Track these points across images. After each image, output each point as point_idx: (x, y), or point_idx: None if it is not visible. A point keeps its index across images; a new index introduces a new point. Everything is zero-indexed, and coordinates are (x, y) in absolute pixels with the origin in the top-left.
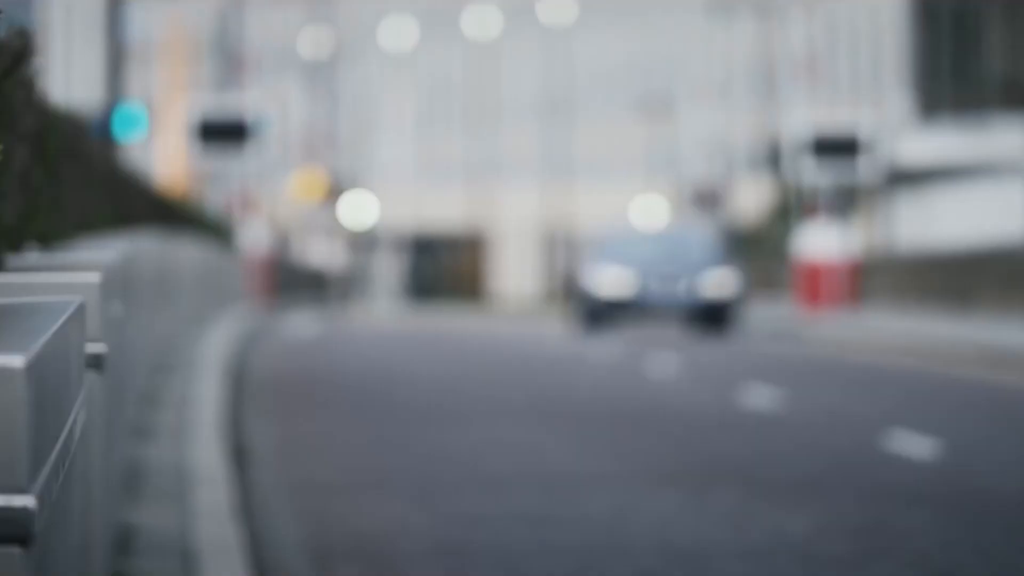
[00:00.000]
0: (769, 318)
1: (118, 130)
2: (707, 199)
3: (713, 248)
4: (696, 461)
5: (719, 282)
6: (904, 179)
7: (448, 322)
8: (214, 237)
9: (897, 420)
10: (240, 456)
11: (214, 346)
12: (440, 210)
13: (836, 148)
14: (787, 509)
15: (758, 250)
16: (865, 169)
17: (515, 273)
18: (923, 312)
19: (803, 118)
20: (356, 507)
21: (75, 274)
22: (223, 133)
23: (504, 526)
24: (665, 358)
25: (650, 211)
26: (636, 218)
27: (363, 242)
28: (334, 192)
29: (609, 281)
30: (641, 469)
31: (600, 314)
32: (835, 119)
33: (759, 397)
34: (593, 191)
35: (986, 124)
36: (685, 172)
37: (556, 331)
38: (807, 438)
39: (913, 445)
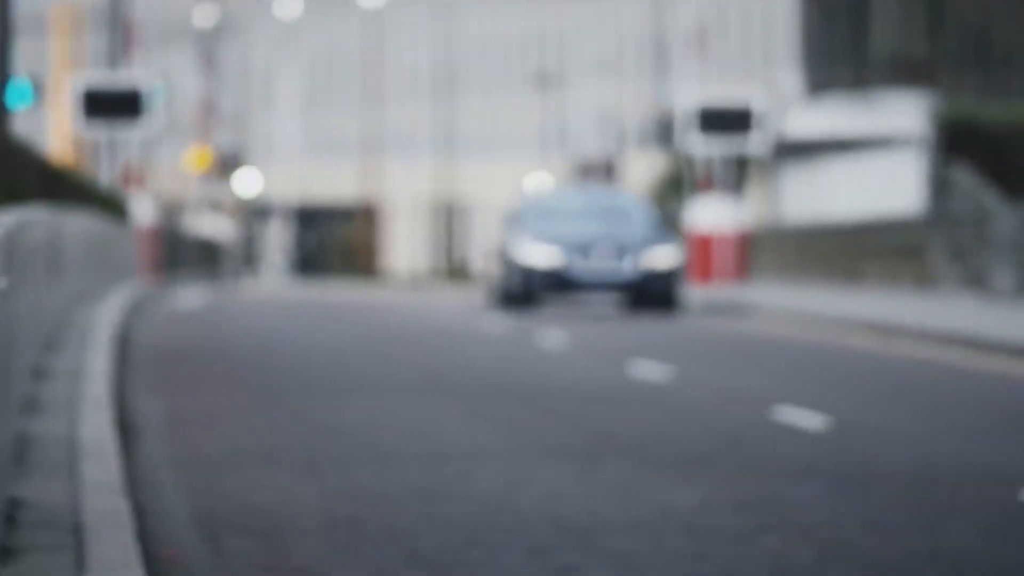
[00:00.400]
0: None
1: (7, 103)
2: (599, 173)
3: (653, 218)
4: (587, 435)
5: (665, 256)
6: (794, 153)
7: (339, 295)
8: (107, 211)
9: (787, 393)
10: (128, 430)
11: (104, 320)
12: (330, 184)
13: (726, 121)
14: (677, 483)
15: None
16: (755, 143)
17: (406, 248)
18: (812, 285)
19: (694, 92)
20: (245, 480)
21: None
22: (111, 105)
23: (394, 500)
24: (557, 332)
25: (541, 185)
26: (555, 186)
27: (252, 215)
28: (224, 165)
29: (540, 254)
30: (532, 443)
31: (529, 291)
32: (726, 93)
33: (649, 371)
34: (484, 165)
35: (875, 100)
36: (577, 146)
37: (449, 304)
38: (697, 412)
39: (803, 418)
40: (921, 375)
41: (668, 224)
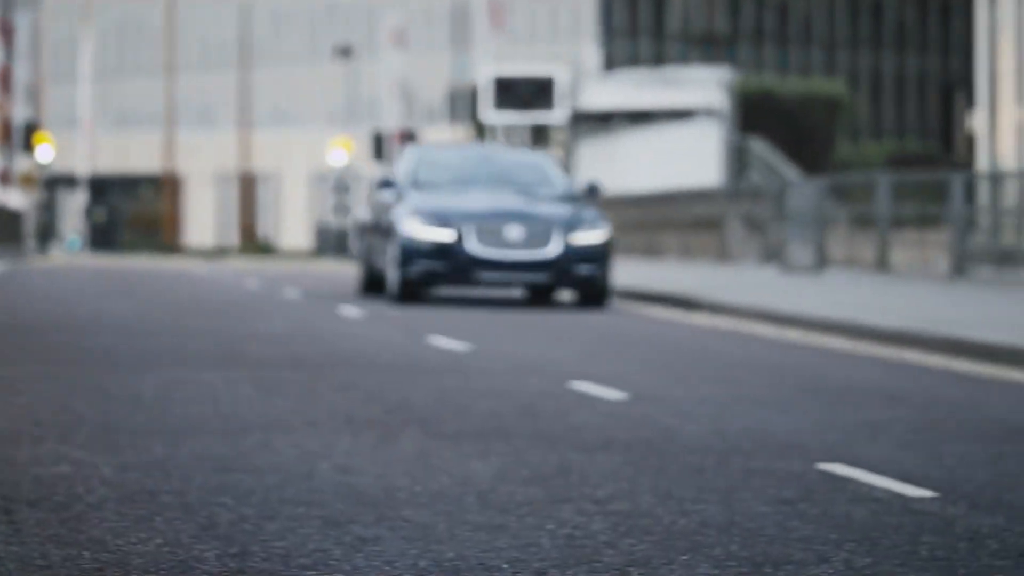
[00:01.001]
0: None
1: None
2: (400, 144)
3: (572, 185)
4: (384, 407)
5: (596, 236)
6: (593, 125)
7: (136, 266)
8: None
9: (584, 365)
10: None
11: None
12: (129, 156)
13: (525, 94)
14: (474, 455)
15: None
16: (554, 115)
17: (204, 219)
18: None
19: (493, 65)
20: (38, 455)
21: None
22: None
23: (190, 472)
24: (356, 310)
25: (343, 157)
26: (445, 144)
27: (48, 187)
28: (19, 136)
29: (427, 233)
30: (330, 415)
31: (412, 282)
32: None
33: (448, 343)
34: (284, 137)
35: (674, 74)
36: (377, 118)
37: (249, 274)
38: (495, 384)
39: (600, 390)
40: (718, 347)
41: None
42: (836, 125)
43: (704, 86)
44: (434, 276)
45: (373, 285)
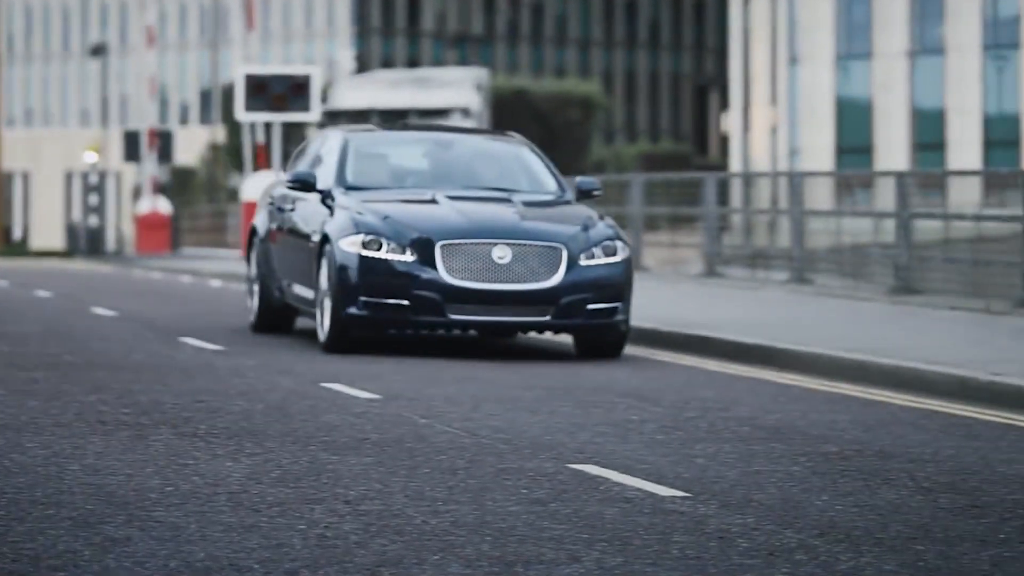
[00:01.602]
0: (226, 271)
1: None
2: (153, 143)
3: (564, 184)
4: (134, 407)
5: (612, 259)
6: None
7: None
8: None
9: (339, 367)
10: None
11: None
12: None
13: (279, 93)
14: (227, 455)
15: (206, 196)
16: (308, 115)
17: None
18: None
19: (248, 64)
20: None
21: None
22: None
23: None
24: (108, 303)
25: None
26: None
27: None
28: None
29: (372, 254)
30: (79, 414)
31: (350, 325)
32: (280, 66)
33: (203, 343)
34: (38, 136)
35: (429, 74)
36: (132, 117)
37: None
38: (251, 383)
39: (352, 389)
40: (468, 348)
41: (217, 197)
42: (591, 126)
43: (458, 86)
44: (385, 317)
45: (275, 320)
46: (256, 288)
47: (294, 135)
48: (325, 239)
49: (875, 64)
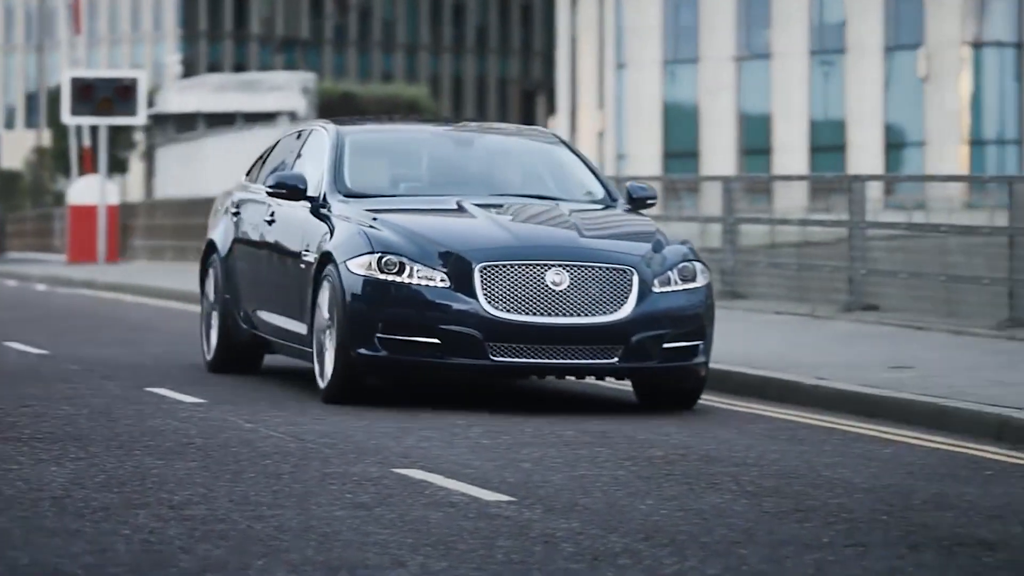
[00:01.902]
0: (52, 275)
1: None
2: None
3: (617, 191)
4: None
5: (692, 285)
6: (173, 129)
7: None
8: None
9: (161, 371)
10: None
11: None
12: None
13: (105, 96)
14: (51, 459)
15: (31, 200)
16: (134, 118)
17: None
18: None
19: (74, 67)
20: None
21: None
22: None
23: None
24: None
25: None
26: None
27: None
28: None
29: (397, 276)
30: None
31: (380, 359)
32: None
33: (27, 348)
34: None
35: (256, 78)
36: None
37: None
38: (71, 387)
39: (172, 392)
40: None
41: (42, 201)
42: None
43: (285, 90)
44: (409, 359)
45: (238, 356)
46: (215, 317)
47: (120, 139)
48: (326, 258)
49: (702, 69)
